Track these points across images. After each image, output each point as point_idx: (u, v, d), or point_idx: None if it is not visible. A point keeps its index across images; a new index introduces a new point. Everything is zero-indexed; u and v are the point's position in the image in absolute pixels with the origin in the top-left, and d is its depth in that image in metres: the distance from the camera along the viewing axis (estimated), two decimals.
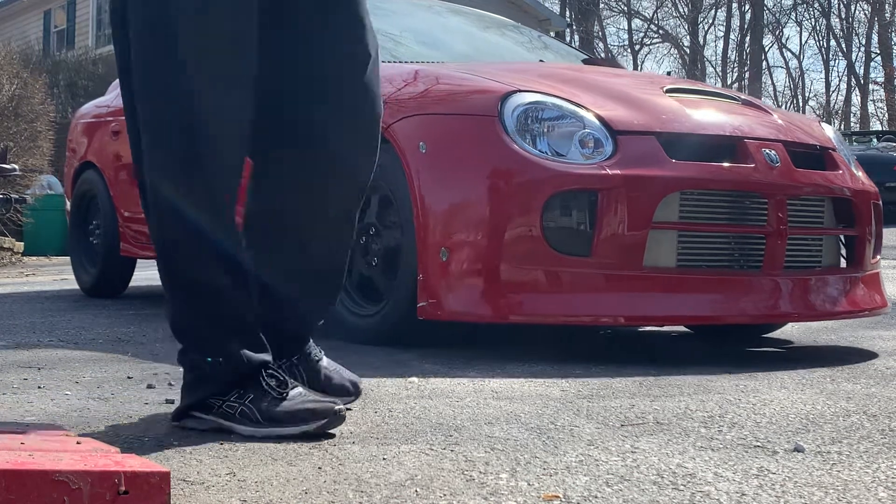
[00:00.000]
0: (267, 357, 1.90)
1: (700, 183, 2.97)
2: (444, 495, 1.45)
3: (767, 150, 3.10)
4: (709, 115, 3.22)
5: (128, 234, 4.70)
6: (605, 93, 3.19)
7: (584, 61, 4.43)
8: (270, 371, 1.88)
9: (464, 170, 3.00)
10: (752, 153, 3.07)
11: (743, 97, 3.60)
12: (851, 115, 33.50)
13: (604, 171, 2.88)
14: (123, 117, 2.02)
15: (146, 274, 5.42)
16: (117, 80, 5.24)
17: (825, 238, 3.27)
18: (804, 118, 3.90)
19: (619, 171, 2.88)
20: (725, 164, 3.04)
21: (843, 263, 3.36)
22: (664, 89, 3.33)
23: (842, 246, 3.37)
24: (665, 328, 3.86)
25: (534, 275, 2.90)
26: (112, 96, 5.08)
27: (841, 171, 3.33)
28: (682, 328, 3.86)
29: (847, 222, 3.31)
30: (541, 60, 4.26)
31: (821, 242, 3.25)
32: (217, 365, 1.87)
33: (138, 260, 4.95)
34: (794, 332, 3.81)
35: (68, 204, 5.37)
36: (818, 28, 28.16)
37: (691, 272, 2.97)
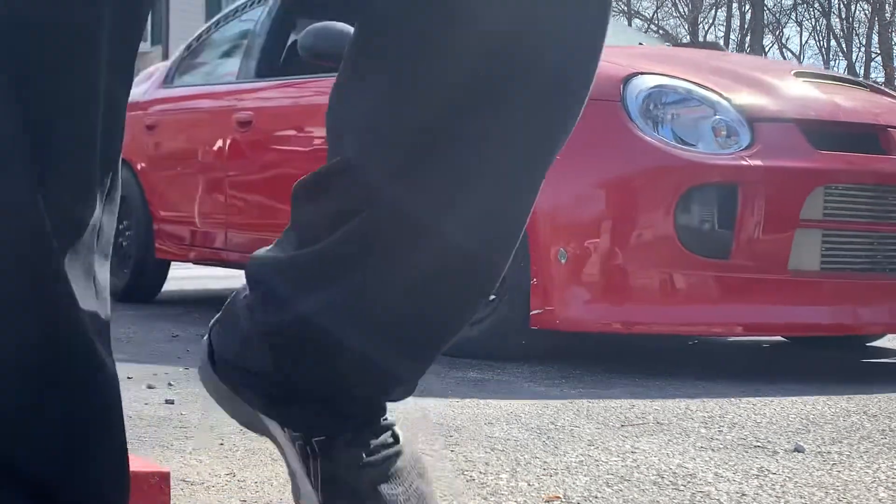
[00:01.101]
0: None
1: (847, 176, 2.72)
2: (445, 496, 1.45)
3: None
4: (847, 102, 2.95)
5: (164, 234, 4.36)
6: (730, 76, 2.92)
7: (685, 45, 4.10)
8: None
9: (580, 160, 2.69)
10: None
11: (868, 83, 3.35)
12: None
13: (744, 163, 2.63)
14: (158, 109, 1.71)
15: None
16: (148, 70, 5.08)
17: None
18: None
19: (760, 163, 2.63)
20: (872, 156, 2.80)
21: None
22: (793, 73, 3.09)
23: None
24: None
25: (665, 280, 2.65)
26: (143, 88, 4.66)
27: None
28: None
29: None
30: (640, 43, 3.93)
31: None
32: None
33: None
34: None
35: None
36: (818, 28, 28.17)
37: (837, 276, 2.73)
